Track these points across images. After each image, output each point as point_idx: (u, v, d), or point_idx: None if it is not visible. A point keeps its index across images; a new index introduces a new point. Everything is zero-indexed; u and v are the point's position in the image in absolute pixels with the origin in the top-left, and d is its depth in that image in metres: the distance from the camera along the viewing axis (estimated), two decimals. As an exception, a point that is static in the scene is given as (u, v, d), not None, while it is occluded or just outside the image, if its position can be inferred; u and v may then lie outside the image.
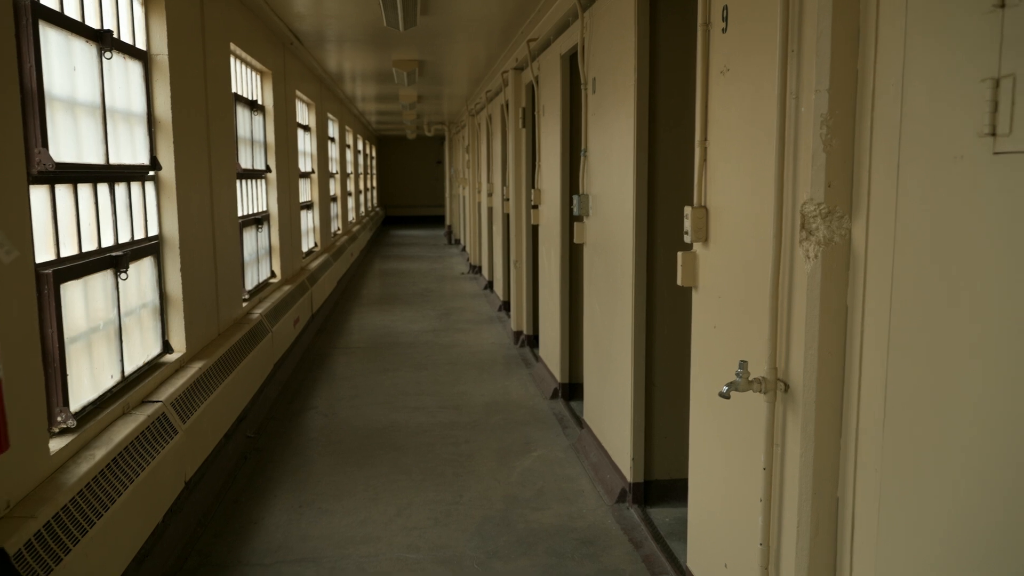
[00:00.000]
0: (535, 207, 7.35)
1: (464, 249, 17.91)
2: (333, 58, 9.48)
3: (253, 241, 6.79)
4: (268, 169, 7.44)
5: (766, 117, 2.43)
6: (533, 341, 8.39)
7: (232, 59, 6.22)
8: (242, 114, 6.52)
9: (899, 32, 1.85)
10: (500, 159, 10.23)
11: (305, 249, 9.93)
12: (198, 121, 4.87)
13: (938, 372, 1.74)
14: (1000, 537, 1.56)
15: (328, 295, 10.49)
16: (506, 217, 10.16)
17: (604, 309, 4.92)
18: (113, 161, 3.70)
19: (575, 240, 5.41)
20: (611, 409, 4.77)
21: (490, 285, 12.47)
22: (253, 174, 6.93)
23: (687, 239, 3.15)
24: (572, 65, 6.08)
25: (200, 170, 4.88)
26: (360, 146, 20.05)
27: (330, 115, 12.71)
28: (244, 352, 5.42)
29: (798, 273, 2.18)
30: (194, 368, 4.40)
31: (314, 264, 9.75)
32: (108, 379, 3.54)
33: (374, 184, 26.99)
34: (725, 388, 2.28)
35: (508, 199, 9.25)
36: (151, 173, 4.23)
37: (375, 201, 27.41)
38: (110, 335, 3.60)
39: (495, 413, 6.24)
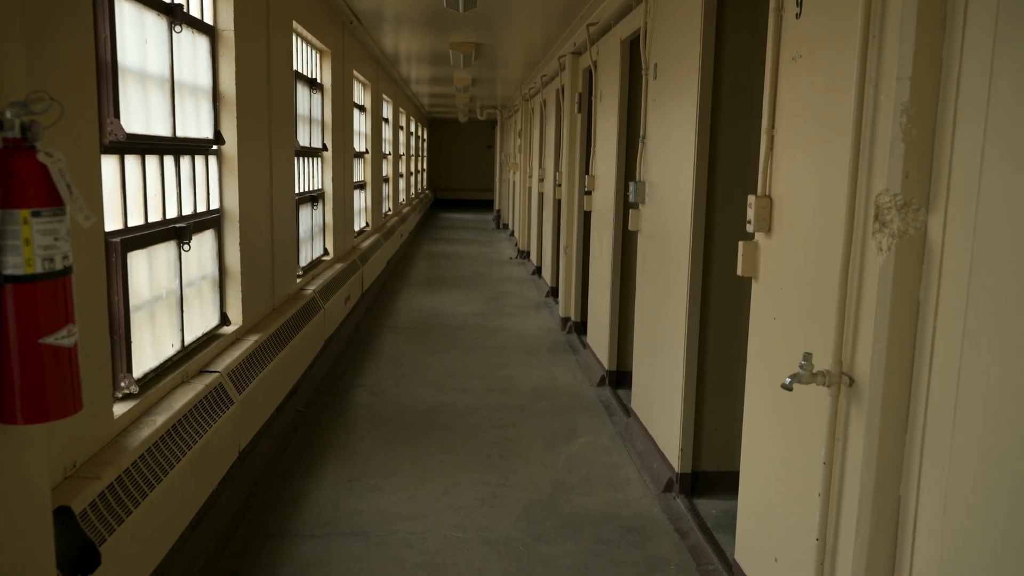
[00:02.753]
0: (588, 193, 7.30)
1: (512, 234, 17.92)
2: (390, 39, 9.52)
3: (308, 218, 6.87)
4: (324, 147, 7.52)
5: (840, 106, 2.37)
6: (581, 328, 8.37)
7: (294, 37, 6.28)
8: (302, 92, 6.58)
9: (989, 18, 1.79)
10: (553, 145, 10.18)
11: (357, 228, 10.02)
12: (260, 97, 4.92)
13: (1015, 373, 1.68)
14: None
15: (378, 275, 10.59)
16: (557, 203, 10.12)
17: (657, 297, 4.88)
18: (179, 134, 3.76)
19: (629, 227, 5.37)
20: (660, 398, 4.74)
21: (538, 271, 12.46)
22: (310, 152, 7.01)
23: (749, 228, 3.10)
24: (633, 50, 6.01)
25: (261, 146, 4.94)
26: (412, 128, 20.14)
27: (385, 96, 12.78)
28: (297, 327, 5.49)
29: (869, 266, 2.13)
30: (250, 340, 4.48)
31: (365, 244, 9.84)
32: (169, 348, 3.62)
33: (424, 166, 27.12)
34: (788, 380, 2.24)
35: (560, 185, 9.22)
36: (214, 147, 4.30)
37: (425, 183, 27.55)
38: (172, 305, 3.67)
39: (542, 398, 6.24)
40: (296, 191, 6.33)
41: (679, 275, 4.36)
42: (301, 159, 6.67)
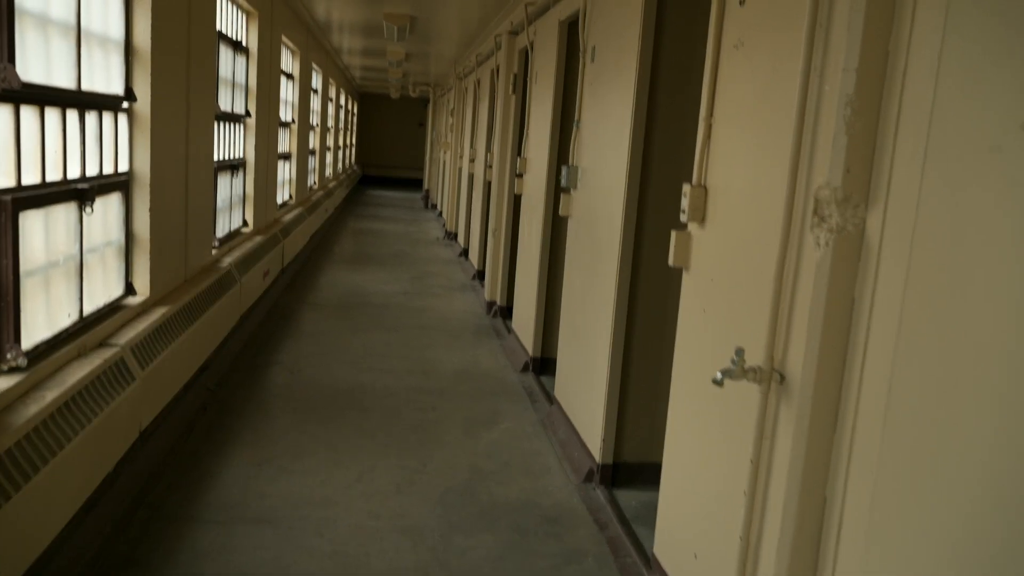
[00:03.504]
0: (519, 176, 7.20)
1: (441, 214, 17.71)
2: (322, 5, 9.20)
3: (227, 187, 6.57)
4: (248, 114, 7.20)
5: (782, 96, 2.31)
6: (506, 312, 8.28)
7: (218, -5, 5.97)
8: (225, 54, 6.27)
9: (939, 13, 1.74)
10: (486, 125, 10.04)
11: (280, 201, 9.69)
12: (179, 54, 4.64)
13: (948, 372, 1.65)
14: (1008, 548, 1.48)
15: (300, 250, 10.28)
16: (487, 185, 9.99)
17: (584, 284, 4.82)
18: (85, 87, 3.49)
19: (560, 212, 5.29)
20: (584, 387, 4.68)
21: (465, 253, 12.32)
22: (232, 117, 6.69)
23: (683, 218, 3.04)
24: (571, 32, 5.91)
25: (177, 106, 4.66)
26: (342, 101, 19.67)
27: (315, 65, 12.39)
28: (211, 301, 5.24)
29: (805, 260, 2.08)
30: (157, 313, 4.23)
31: (288, 217, 9.53)
32: (65, 318, 3.36)
33: (354, 141, 26.57)
34: (719, 375, 2.18)
35: (491, 166, 9.09)
36: (125, 105, 4.02)
37: (353, 159, 27.00)
38: (70, 272, 3.42)
39: (464, 381, 6.13)
40: (215, 158, 6.03)
41: (608, 263, 4.30)
42: (222, 124, 6.36)
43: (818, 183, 2.03)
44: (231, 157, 6.75)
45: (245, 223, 7.36)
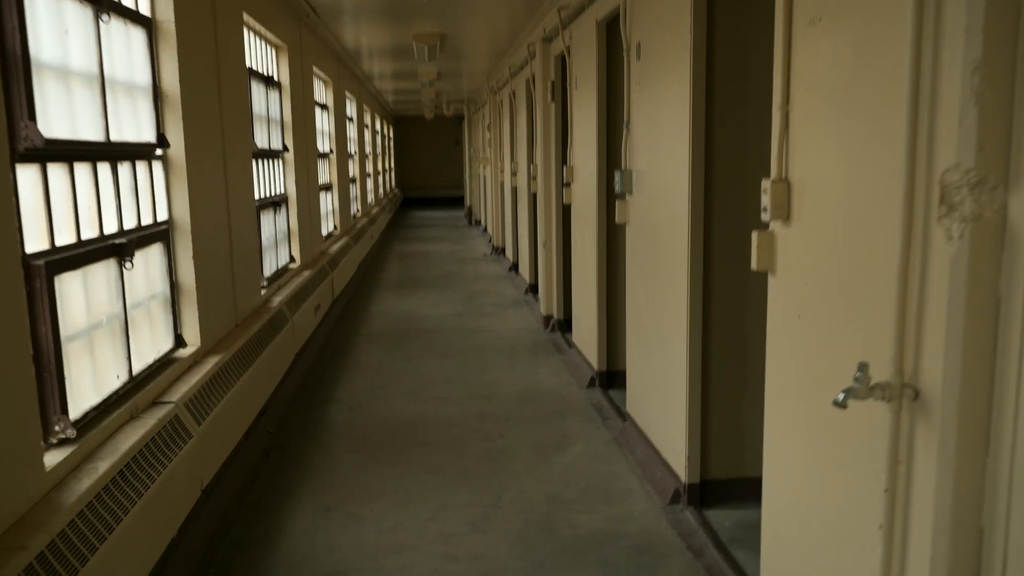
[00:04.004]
0: (567, 185, 6.95)
1: (485, 230, 17.53)
2: (350, 32, 9.09)
3: (271, 225, 6.44)
4: (285, 148, 7.09)
5: (879, 72, 2.02)
6: (564, 326, 8.02)
7: (245, 31, 5.84)
8: (257, 90, 6.15)
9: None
10: (526, 136, 9.81)
11: (325, 232, 9.59)
12: (209, 95, 4.50)
13: None
14: None
15: (349, 279, 10.16)
16: (532, 197, 9.76)
17: (651, 293, 4.54)
18: (114, 138, 3.34)
19: (616, 220, 5.02)
20: (660, 401, 4.40)
21: (515, 267, 12.10)
22: (270, 154, 6.57)
23: (765, 217, 2.76)
24: (610, 32, 5.66)
25: (213, 148, 4.52)
26: (378, 126, 19.67)
27: (348, 93, 12.33)
28: (264, 343, 5.08)
29: (935, 256, 1.78)
30: (210, 363, 4.07)
31: (334, 248, 9.41)
32: (114, 380, 3.20)
33: (392, 165, 26.62)
34: (841, 396, 1.89)
35: (535, 178, 8.85)
36: (158, 152, 3.88)
37: (393, 182, 27.05)
38: (115, 331, 3.26)
39: (528, 403, 5.89)
40: (256, 196, 5.90)
41: (676, 270, 4.02)
42: (260, 162, 6.24)
43: (943, 167, 1.74)
44: (272, 194, 6.63)
45: (292, 259, 7.24)
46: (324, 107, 10.10)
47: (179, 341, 3.98)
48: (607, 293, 6.09)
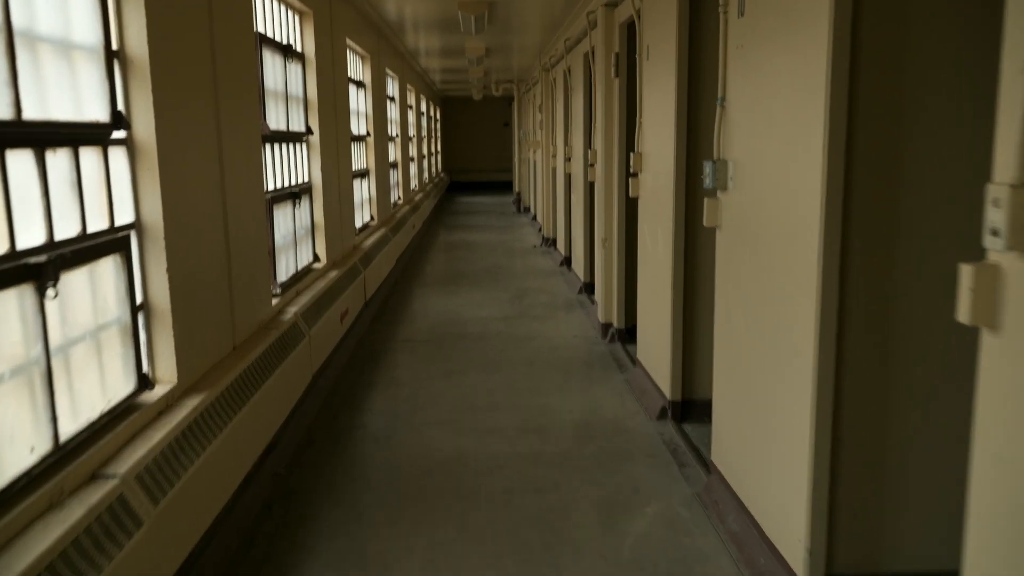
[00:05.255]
0: (634, 176, 5.92)
1: (535, 218, 16.54)
2: (391, 1, 8.13)
3: (288, 220, 5.54)
4: (309, 131, 6.17)
5: None
6: (626, 336, 7.01)
7: (257, -10, 4.94)
8: (273, 61, 5.23)
9: None
10: (583, 119, 8.77)
11: (359, 224, 8.69)
12: (198, 64, 3.59)
13: None
14: None
15: (385, 277, 9.26)
16: (590, 186, 8.74)
17: (752, 318, 3.51)
18: (32, 115, 2.43)
19: (704, 222, 3.99)
20: (764, 455, 3.38)
21: (567, 261, 11.09)
22: (289, 137, 5.66)
23: (994, 243, 1.73)
24: (695, -13, 4.63)
25: (202, 130, 3.61)
26: (423, 107, 18.75)
27: (389, 71, 11.40)
28: (269, 368, 4.18)
29: None
30: (187, 407, 3.17)
31: (369, 241, 8.51)
32: (26, 455, 2.31)
33: (438, 148, 25.73)
34: None
35: (593, 165, 7.83)
36: (116, 135, 2.97)
37: (439, 166, 26.17)
38: (32, 384, 2.36)
39: (588, 439, 4.91)
40: (269, 187, 5.00)
41: (797, 295, 2.99)
42: (276, 146, 5.34)
43: None
44: (291, 184, 5.72)
45: (316, 258, 6.34)
46: (360, 85, 9.18)
47: (144, 382, 3.08)
48: (684, 306, 5.07)
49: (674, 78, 4.77)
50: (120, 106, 2.96)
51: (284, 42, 5.54)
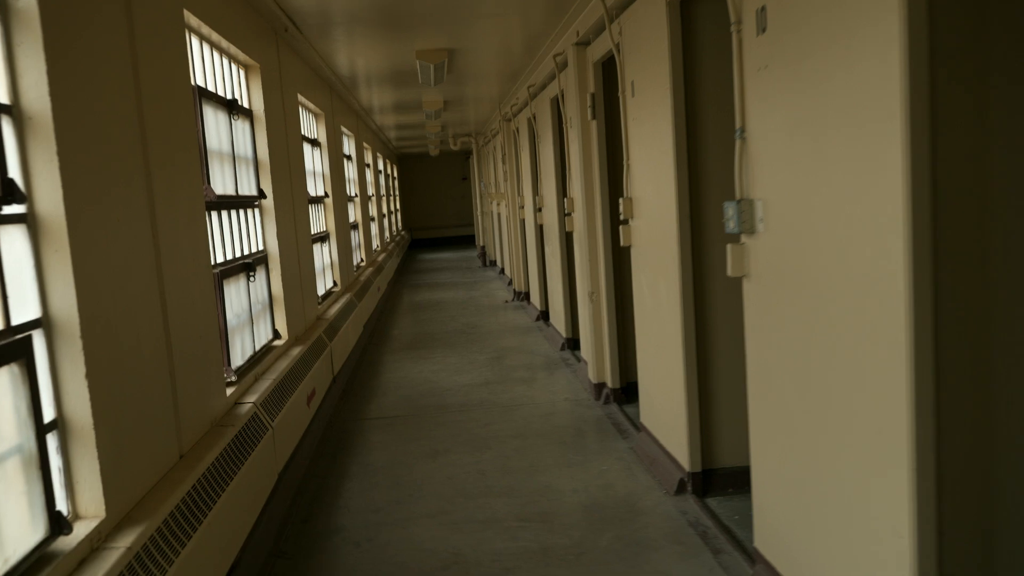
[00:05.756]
0: (624, 223, 5.39)
1: (503, 272, 16.00)
2: (343, 52, 7.62)
3: (242, 295, 4.89)
4: (262, 194, 5.56)
5: None
6: (622, 397, 6.41)
7: (192, 38, 4.36)
8: (215, 119, 4.64)
9: None
10: (555, 165, 8.29)
11: (321, 292, 8.04)
12: (121, 119, 2.98)
13: None
14: None
15: (353, 347, 8.58)
16: (567, 236, 8.22)
17: (806, 375, 2.94)
18: None
19: (730, 271, 3.44)
20: (845, 549, 2.77)
21: (544, 316, 10.52)
22: (239, 202, 5.05)
23: None
24: (686, 11, 4.16)
25: (128, 199, 2.99)
26: (380, 165, 18.24)
27: (345, 129, 10.88)
28: (226, 475, 3.50)
29: None
30: (120, 547, 2.49)
31: (333, 310, 7.85)
32: None
33: (398, 207, 25.22)
34: None
35: (570, 214, 7.32)
36: (8, 210, 2.33)
37: (400, 225, 25.63)
38: None
39: (602, 526, 4.27)
40: (216, 260, 4.37)
41: (879, 351, 2.43)
42: (224, 213, 4.71)
43: None
44: (244, 254, 5.09)
45: (277, 334, 5.67)
46: (315, 143, 8.61)
47: (58, 525, 2.39)
48: (697, 365, 4.50)
49: (670, 112, 4.27)
50: (15, 174, 2.33)
51: (228, 96, 4.95)
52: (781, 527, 3.27)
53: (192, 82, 4.02)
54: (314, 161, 8.40)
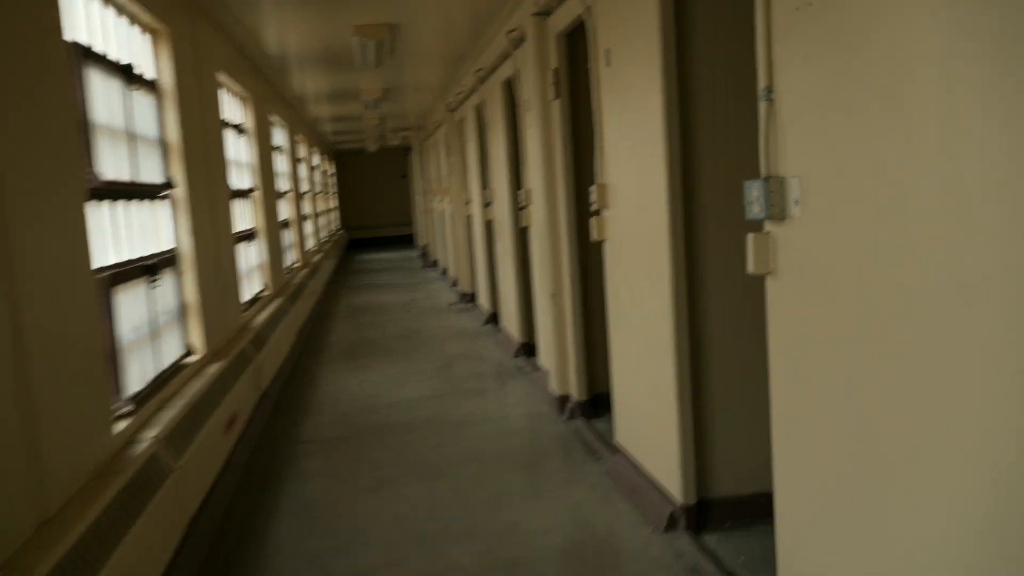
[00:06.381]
0: (596, 214, 4.69)
1: (446, 272, 15.22)
2: (272, 26, 6.77)
3: (140, 304, 4.03)
4: (169, 184, 4.69)
5: None
6: (592, 410, 5.72)
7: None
8: (105, 87, 3.78)
9: None
10: (507, 155, 7.57)
11: (247, 297, 7.15)
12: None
13: None
14: None
15: (285, 357, 7.71)
16: (520, 232, 7.51)
17: (863, 401, 2.27)
18: None
19: (751, 268, 2.75)
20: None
21: (494, 319, 9.79)
22: (140, 191, 4.18)
23: None
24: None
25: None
26: (316, 160, 17.26)
27: (276, 118, 9.96)
28: (111, 538, 2.67)
29: None
30: None
31: (262, 317, 6.98)
32: None
33: (335, 204, 24.19)
34: None
35: (525, 207, 6.62)
36: None
37: (338, 224, 24.62)
38: None
39: (582, 571, 3.56)
40: (103, 263, 3.51)
41: (978, 369, 1.76)
42: (119, 203, 3.85)
43: None
44: (145, 256, 4.22)
45: (189, 350, 4.81)
46: (240, 130, 7.71)
47: None
48: (691, 379, 3.82)
49: (659, 77, 3.58)
50: None
51: (121, 61, 4.08)
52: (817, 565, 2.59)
53: (67, 37, 3.17)
54: (239, 151, 7.50)
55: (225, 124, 6.55)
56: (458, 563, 3.73)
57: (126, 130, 4.02)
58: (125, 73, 4.04)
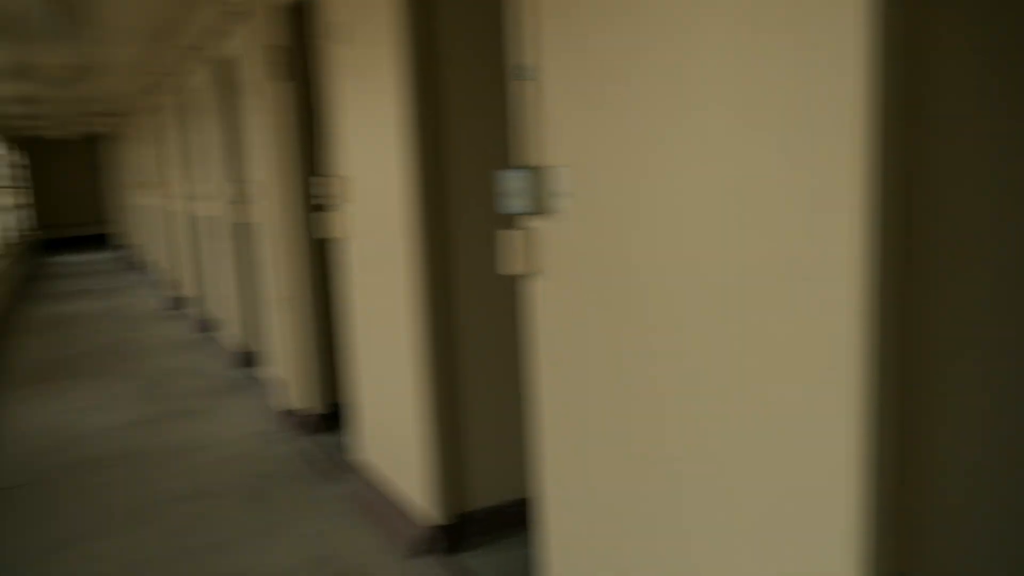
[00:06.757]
0: (329, 209, 4.20)
1: (154, 275, 13.70)
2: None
3: None
4: None
5: None
6: (331, 425, 5.21)
7: None
8: None
9: None
10: (221, 144, 6.77)
11: None
12: None
13: None
14: None
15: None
16: (242, 229, 6.76)
17: (635, 409, 2.05)
18: None
19: (513, 267, 2.44)
20: None
21: (207, 327, 8.84)
22: None
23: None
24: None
25: None
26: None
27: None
28: None
29: None
30: None
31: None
32: None
33: (24, 201, 21.01)
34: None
35: (247, 201, 5.93)
36: None
37: (34, 223, 21.44)
38: None
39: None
40: None
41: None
42: None
43: None
44: None
45: None
46: None
47: None
48: (447, 384, 3.48)
49: (401, 60, 3.19)
50: None
51: None
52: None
53: None
54: None
55: None
56: (173, 630, 3.08)
57: None
58: None
